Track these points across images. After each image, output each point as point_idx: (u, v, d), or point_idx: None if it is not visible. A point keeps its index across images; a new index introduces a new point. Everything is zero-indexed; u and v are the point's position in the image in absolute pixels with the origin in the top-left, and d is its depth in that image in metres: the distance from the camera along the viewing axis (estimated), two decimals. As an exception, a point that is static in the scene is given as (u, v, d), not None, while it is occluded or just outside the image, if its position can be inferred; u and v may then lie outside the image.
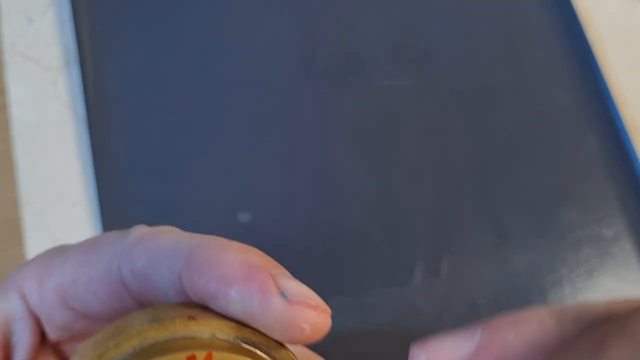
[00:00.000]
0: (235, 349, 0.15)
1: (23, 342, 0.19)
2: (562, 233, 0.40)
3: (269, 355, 0.16)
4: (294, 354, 0.16)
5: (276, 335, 0.16)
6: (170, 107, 0.42)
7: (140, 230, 0.18)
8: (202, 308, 0.16)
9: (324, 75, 0.44)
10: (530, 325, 0.15)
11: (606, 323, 0.13)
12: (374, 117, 0.43)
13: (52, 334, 0.20)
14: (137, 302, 0.18)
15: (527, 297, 0.39)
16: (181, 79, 0.43)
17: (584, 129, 0.43)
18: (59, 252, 0.19)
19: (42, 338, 0.20)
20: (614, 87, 0.44)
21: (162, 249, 0.17)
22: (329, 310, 0.16)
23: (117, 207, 0.40)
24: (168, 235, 0.18)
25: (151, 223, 0.40)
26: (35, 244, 0.39)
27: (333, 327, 0.23)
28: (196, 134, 0.42)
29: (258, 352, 0.16)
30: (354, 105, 0.43)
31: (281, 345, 0.16)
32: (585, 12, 0.47)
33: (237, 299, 0.15)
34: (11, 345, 0.19)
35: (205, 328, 0.15)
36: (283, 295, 0.16)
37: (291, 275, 0.16)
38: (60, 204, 0.40)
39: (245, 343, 0.16)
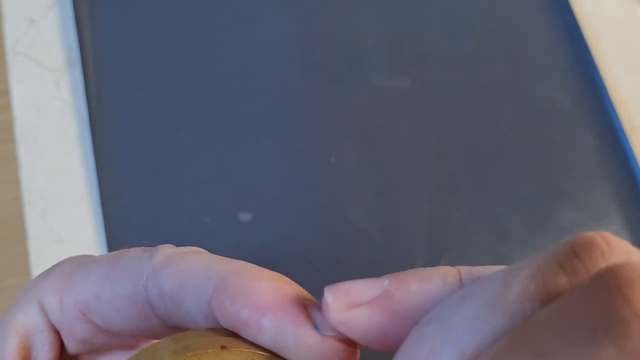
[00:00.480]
0: None
1: (43, 355, 0.19)
2: (561, 232, 0.40)
3: None
4: None
5: None
6: (171, 107, 0.43)
7: (167, 250, 0.18)
8: (232, 335, 0.16)
9: (323, 76, 0.44)
10: (434, 281, 0.15)
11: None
12: (373, 116, 0.43)
13: (72, 347, 0.20)
14: (162, 322, 0.18)
15: (525, 296, 0.39)
16: (182, 79, 0.43)
17: (582, 129, 0.43)
18: (80, 266, 0.19)
19: (61, 351, 0.20)
20: (612, 88, 0.45)
21: (192, 272, 0.17)
22: (358, 343, 0.16)
23: (118, 207, 0.40)
24: (197, 257, 0.18)
25: (153, 223, 0.41)
26: (37, 243, 0.39)
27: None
28: (197, 134, 0.42)
29: None
30: (353, 105, 0.43)
31: None
32: (584, 15, 0.47)
33: (269, 328, 0.16)
34: (31, 358, 0.19)
35: (237, 358, 0.16)
36: (316, 327, 0.16)
37: (320, 305, 0.16)
38: (62, 203, 0.40)
39: None
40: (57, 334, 0.20)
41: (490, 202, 0.41)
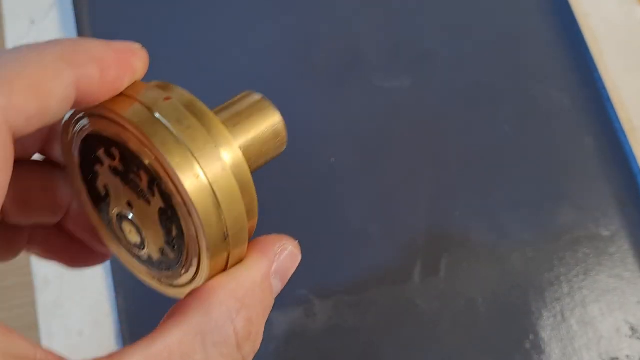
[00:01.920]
0: None
1: None
2: (560, 232, 0.41)
3: None
4: None
5: None
6: (171, 107, 0.43)
7: None
8: None
9: (323, 76, 0.44)
10: None
11: None
12: (373, 116, 0.43)
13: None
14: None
15: (525, 295, 0.39)
16: (182, 80, 0.43)
17: (581, 129, 0.43)
18: None
19: None
20: (611, 88, 0.45)
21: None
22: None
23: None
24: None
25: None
26: (38, 243, 0.39)
27: (333, 325, 0.23)
28: (197, 135, 0.42)
29: None
30: (353, 105, 0.43)
31: None
32: (583, 15, 0.47)
33: None
34: None
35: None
36: None
37: None
38: (63, 203, 0.40)
39: None
40: None
41: (490, 201, 0.41)
